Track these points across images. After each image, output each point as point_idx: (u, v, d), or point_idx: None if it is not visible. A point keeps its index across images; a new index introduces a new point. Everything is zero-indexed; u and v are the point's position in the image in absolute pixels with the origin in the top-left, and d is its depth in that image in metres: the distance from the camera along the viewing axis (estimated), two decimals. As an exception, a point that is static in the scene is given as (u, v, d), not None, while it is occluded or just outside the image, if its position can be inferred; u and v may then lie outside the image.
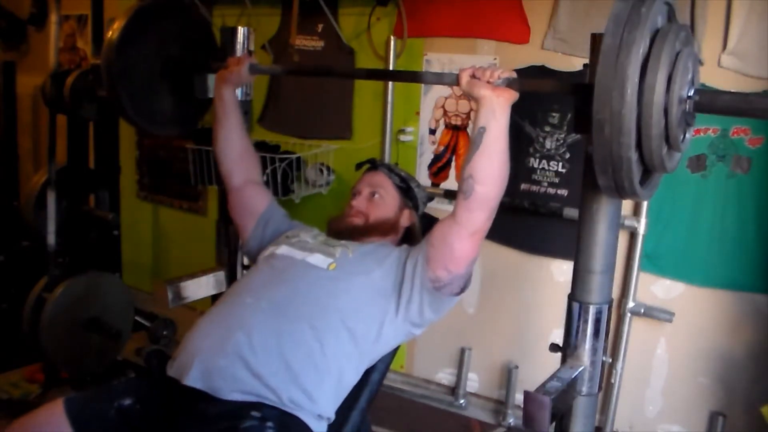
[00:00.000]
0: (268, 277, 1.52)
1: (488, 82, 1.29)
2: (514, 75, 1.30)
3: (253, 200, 1.75)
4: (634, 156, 1.03)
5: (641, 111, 1.00)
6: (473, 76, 1.31)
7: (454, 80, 1.35)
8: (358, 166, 1.84)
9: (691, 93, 1.04)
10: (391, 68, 2.47)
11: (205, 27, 1.98)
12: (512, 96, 1.29)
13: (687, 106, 1.04)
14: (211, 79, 1.82)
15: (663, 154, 1.05)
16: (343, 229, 1.65)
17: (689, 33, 1.08)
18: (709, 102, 1.05)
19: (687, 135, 1.09)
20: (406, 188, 1.74)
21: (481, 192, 1.31)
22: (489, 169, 1.31)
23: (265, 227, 1.73)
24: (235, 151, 1.74)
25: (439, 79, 1.55)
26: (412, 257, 1.47)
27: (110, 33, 1.74)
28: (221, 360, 1.32)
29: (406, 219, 1.72)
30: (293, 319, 1.38)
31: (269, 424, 1.26)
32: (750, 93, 1.05)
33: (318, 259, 1.51)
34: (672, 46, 1.01)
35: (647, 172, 1.12)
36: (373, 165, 1.79)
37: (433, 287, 1.42)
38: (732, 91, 1.06)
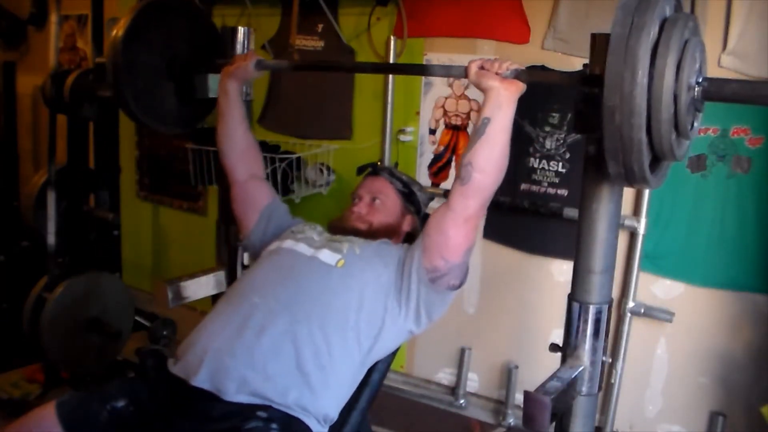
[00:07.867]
0: (275, 273, 1.50)
1: (497, 74, 1.30)
2: (522, 67, 1.32)
3: (257, 194, 1.74)
4: (644, 138, 1.03)
5: (651, 95, 1.00)
6: (482, 68, 1.32)
7: (462, 72, 1.36)
8: (360, 170, 1.83)
9: (700, 80, 1.05)
10: (391, 67, 2.48)
11: (210, 30, 1.98)
12: (520, 88, 1.31)
13: (695, 93, 1.05)
14: (212, 79, 1.83)
15: (672, 140, 1.06)
16: (347, 229, 1.65)
17: (697, 23, 1.09)
18: (717, 89, 1.07)
19: (695, 123, 1.10)
20: (409, 193, 1.73)
21: (478, 179, 1.33)
22: (489, 158, 1.32)
23: (268, 222, 1.72)
24: (239, 146, 1.73)
25: (447, 71, 1.58)
26: (410, 252, 1.47)
27: (115, 30, 1.73)
28: (230, 361, 1.32)
29: (407, 224, 1.72)
30: (302, 319, 1.37)
31: (273, 425, 1.26)
32: (756, 81, 1.09)
33: (326, 256, 1.50)
34: (681, 34, 1.02)
35: (656, 160, 1.13)
36: (375, 170, 1.78)
37: (429, 279, 1.42)
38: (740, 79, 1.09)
